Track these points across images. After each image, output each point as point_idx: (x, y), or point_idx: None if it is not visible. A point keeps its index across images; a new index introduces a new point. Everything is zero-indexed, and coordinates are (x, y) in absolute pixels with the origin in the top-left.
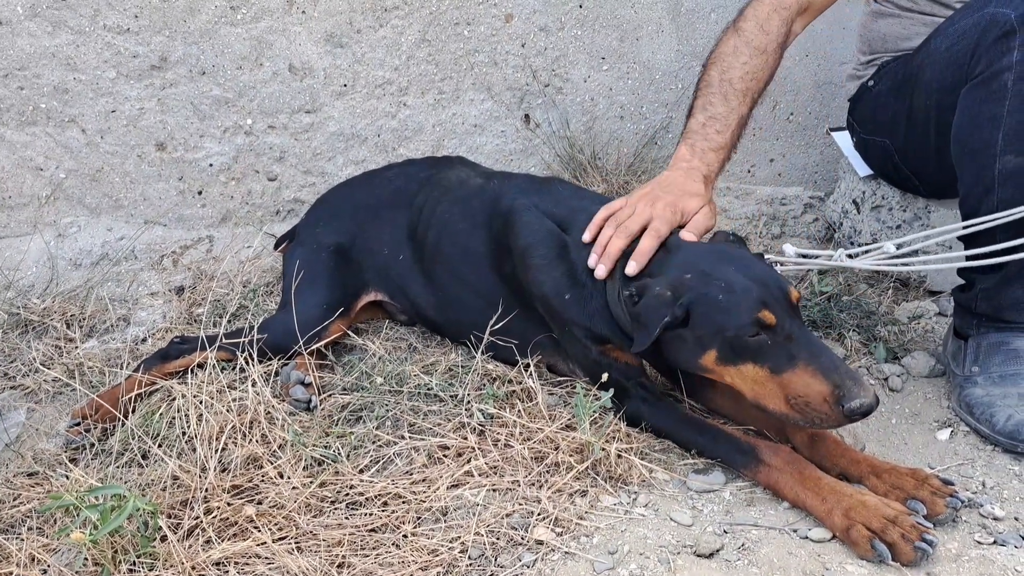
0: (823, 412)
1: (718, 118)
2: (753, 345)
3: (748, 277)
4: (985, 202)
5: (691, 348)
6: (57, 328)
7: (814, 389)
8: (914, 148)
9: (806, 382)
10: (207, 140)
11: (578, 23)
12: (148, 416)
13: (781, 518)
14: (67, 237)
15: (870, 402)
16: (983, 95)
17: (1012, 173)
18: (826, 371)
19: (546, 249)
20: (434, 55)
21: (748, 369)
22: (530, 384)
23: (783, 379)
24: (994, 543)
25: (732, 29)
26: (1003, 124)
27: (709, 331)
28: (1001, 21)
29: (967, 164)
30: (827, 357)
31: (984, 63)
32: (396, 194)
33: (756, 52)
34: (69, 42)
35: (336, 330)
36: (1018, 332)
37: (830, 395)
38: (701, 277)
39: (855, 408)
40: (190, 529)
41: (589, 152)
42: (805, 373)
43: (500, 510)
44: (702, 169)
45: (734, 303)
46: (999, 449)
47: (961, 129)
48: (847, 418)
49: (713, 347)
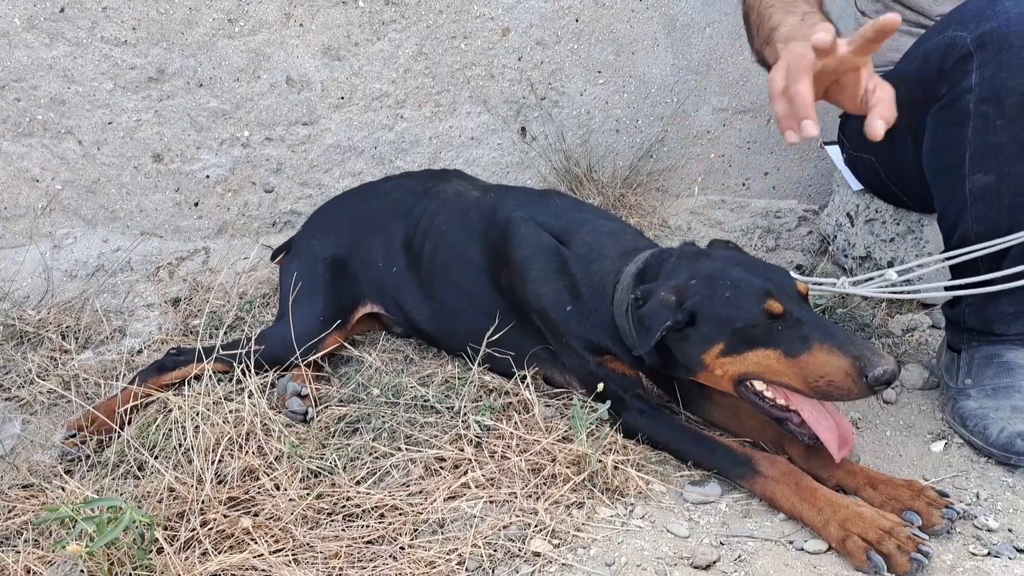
0: (847, 387)
1: (811, 13)
2: (763, 333)
3: (752, 273)
4: (962, 219)
5: (695, 345)
6: (52, 339)
7: (834, 365)
8: (897, 164)
9: (824, 360)
10: (204, 152)
11: (574, 37)
12: (144, 428)
13: (777, 530)
14: (63, 248)
15: (892, 369)
16: (948, 118)
17: (982, 191)
18: (843, 346)
19: (544, 262)
20: (431, 68)
21: (758, 355)
22: (527, 396)
23: (800, 361)
24: (988, 554)
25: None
26: (969, 145)
27: (716, 326)
28: (959, 44)
29: (940, 184)
30: (840, 334)
31: (947, 86)
32: (393, 206)
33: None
34: (66, 54)
35: (333, 342)
36: (1009, 345)
37: (852, 368)
38: (706, 281)
39: (879, 376)
40: (186, 541)
41: (585, 165)
42: (822, 352)
43: (497, 522)
44: None
45: (740, 296)
46: (992, 461)
47: (931, 151)
48: (871, 388)
49: (720, 341)
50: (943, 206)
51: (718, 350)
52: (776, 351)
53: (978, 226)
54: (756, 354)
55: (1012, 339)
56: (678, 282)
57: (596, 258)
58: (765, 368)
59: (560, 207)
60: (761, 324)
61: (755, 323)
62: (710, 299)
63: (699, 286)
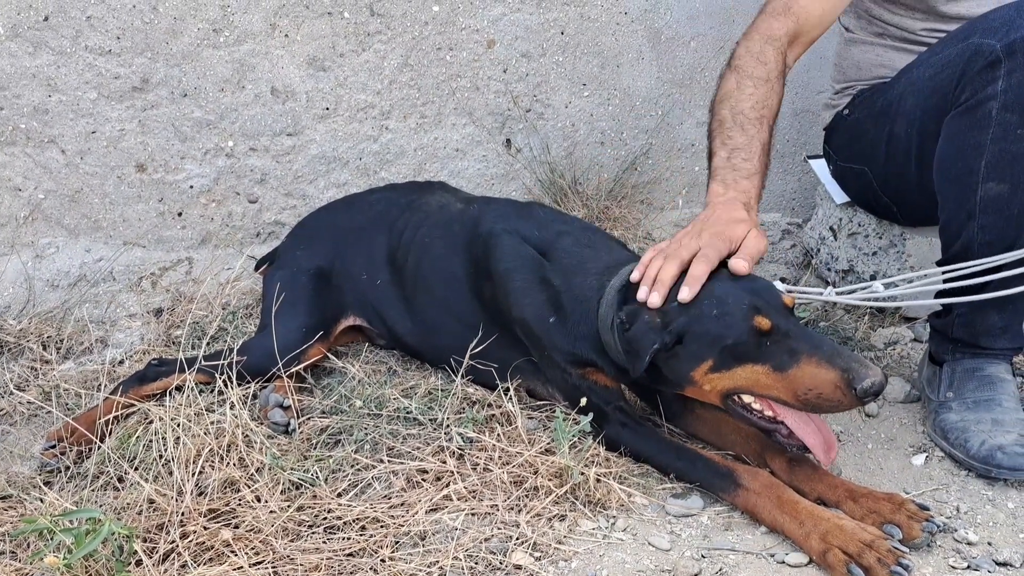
0: (836, 399)
1: (741, 148)
2: (752, 349)
3: (738, 289)
4: (966, 228)
5: (684, 363)
6: (33, 350)
7: (822, 378)
8: (894, 176)
9: (813, 373)
10: (188, 162)
11: (559, 49)
12: (124, 439)
13: (759, 542)
14: (45, 258)
15: (880, 380)
16: (967, 123)
17: (993, 200)
18: (831, 359)
19: (526, 274)
20: (416, 79)
21: (747, 370)
22: (509, 408)
23: (789, 375)
24: (968, 568)
25: (729, 69)
26: (986, 152)
27: (705, 345)
28: (986, 51)
29: (949, 191)
30: (828, 346)
31: (969, 92)
32: (377, 218)
33: (759, 82)
34: (50, 63)
35: (315, 353)
36: (991, 359)
37: (840, 380)
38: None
39: (867, 388)
40: (166, 553)
41: (570, 177)
42: (810, 365)
43: (479, 534)
44: (740, 198)
45: (728, 314)
46: (973, 474)
47: (944, 156)
48: (860, 400)
49: (709, 358)
50: (949, 214)
51: (707, 367)
52: (765, 366)
53: (984, 235)
54: (745, 370)
55: (996, 353)
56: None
57: (578, 271)
58: (754, 383)
59: (543, 219)
60: (750, 340)
61: (744, 340)
62: (697, 318)
63: (684, 306)
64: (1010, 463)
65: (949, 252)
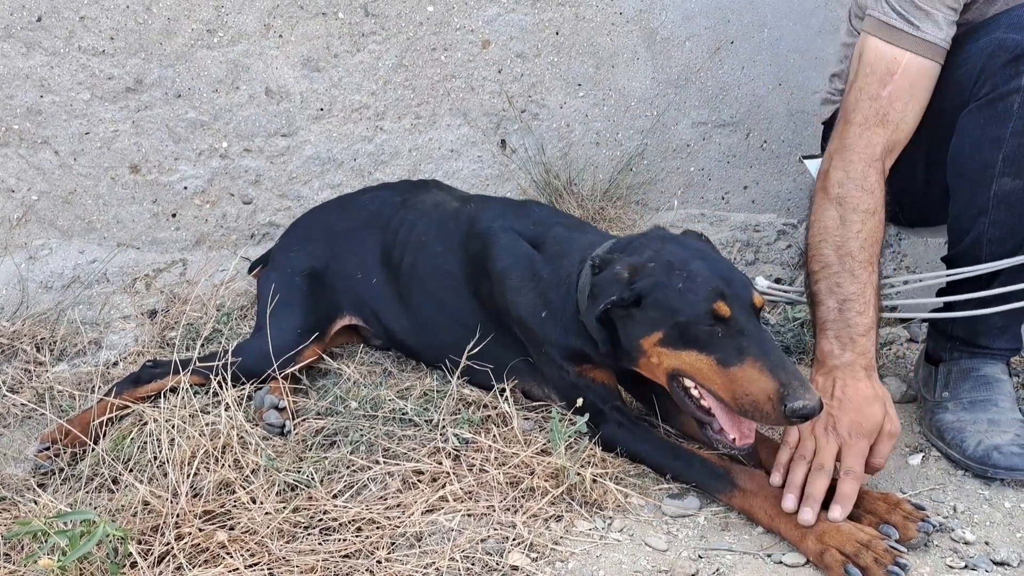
0: (765, 410)
1: (853, 299)
2: (704, 335)
3: (712, 271)
4: (977, 224)
5: (636, 327)
6: (27, 351)
7: (759, 386)
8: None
9: (753, 378)
10: (182, 163)
11: (554, 50)
12: (119, 441)
13: (755, 543)
14: (38, 259)
15: (813, 406)
16: (987, 116)
17: (1008, 195)
18: (774, 369)
19: (521, 271)
20: (411, 80)
21: (692, 356)
22: (505, 409)
23: (730, 373)
24: (965, 567)
25: (826, 198)
26: (1004, 146)
27: (661, 314)
28: (1010, 46)
29: (962, 185)
30: (776, 355)
31: (990, 86)
32: (371, 218)
33: (867, 215)
34: (43, 63)
35: (311, 354)
36: (988, 359)
37: (774, 393)
38: (664, 266)
39: (796, 409)
40: (161, 555)
41: (565, 178)
42: (753, 369)
43: (475, 535)
44: (860, 361)
45: (691, 291)
46: (969, 474)
47: (960, 150)
48: (787, 418)
49: (660, 330)
50: (960, 209)
51: (657, 338)
52: (711, 357)
53: (994, 231)
54: (691, 355)
55: (994, 353)
56: (636, 260)
57: (564, 254)
58: (697, 371)
59: (538, 215)
60: (704, 325)
61: (698, 321)
62: (661, 285)
63: (655, 269)
64: (1006, 463)
65: (957, 248)
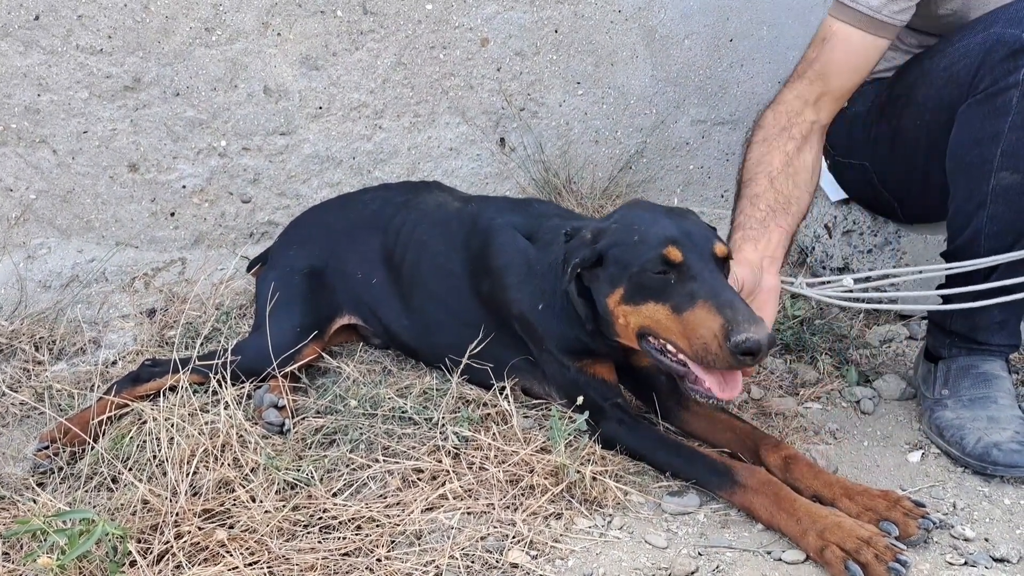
0: (714, 351)
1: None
2: (657, 283)
3: (672, 225)
4: (976, 218)
5: (602, 287)
6: (25, 351)
7: (707, 326)
8: (898, 170)
9: (701, 319)
10: (180, 161)
11: (553, 48)
12: (118, 439)
13: (755, 540)
14: (37, 259)
15: (758, 339)
16: (985, 111)
17: (1006, 190)
18: (720, 307)
19: (519, 267)
20: (410, 78)
21: (650, 308)
22: (505, 407)
23: (684, 319)
24: (965, 564)
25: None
26: (1003, 140)
27: (618, 269)
28: (1009, 41)
29: (961, 180)
30: (727, 295)
31: (988, 80)
32: (371, 218)
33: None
34: (41, 62)
35: (310, 353)
36: (987, 355)
37: (720, 330)
38: (623, 225)
39: (739, 342)
40: (160, 554)
41: (564, 176)
42: (702, 310)
43: (475, 533)
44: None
45: (644, 241)
46: (969, 471)
47: (958, 144)
48: (732, 355)
49: (620, 285)
50: (959, 203)
51: (619, 294)
52: (666, 306)
53: (992, 225)
54: (649, 307)
55: (992, 349)
56: (602, 224)
57: (553, 241)
58: (656, 323)
59: (538, 210)
60: (657, 272)
61: (651, 269)
62: (620, 242)
63: (616, 229)
64: (1006, 460)
65: (956, 243)
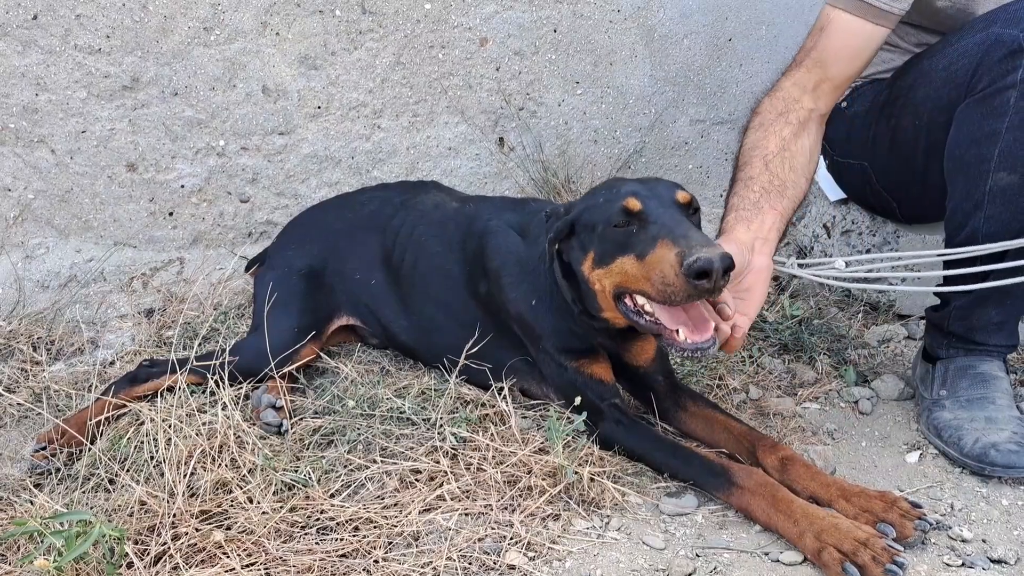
0: (671, 281)
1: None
2: (621, 236)
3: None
4: (973, 218)
5: (577, 256)
6: (23, 351)
7: (666, 260)
8: (896, 170)
9: (660, 256)
10: (179, 161)
11: (552, 47)
12: (116, 440)
13: (753, 541)
14: (35, 258)
15: (709, 257)
16: (983, 111)
17: (1003, 190)
18: (676, 239)
19: (514, 266)
20: (409, 78)
21: (619, 263)
22: (503, 408)
23: (647, 262)
24: (962, 565)
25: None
26: (1000, 141)
27: (587, 232)
28: (1007, 41)
29: (959, 179)
30: (683, 228)
31: (987, 80)
32: (370, 218)
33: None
34: (39, 62)
35: (308, 353)
36: (985, 356)
37: (675, 260)
38: (592, 193)
39: (691, 263)
40: (157, 555)
41: (563, 175)
42: (661, 248)
43: (472, 534)
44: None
45: (608, 200)
46: (967, 472)
47: (956, 144)
48: (688, 280)
49: (591, 248)
50: (956, 203)
51: (591, 259)
52: (631, 256)
53: (989, 226)
54: (618, 263)
55: (990, 350)
56: (577, 200)
57: (541, 234)
58: (625, 276)
59: (533, 207)
60: (619, 225)
61: (614, 222)
62: (588, 207)
63: (587, 198)
64: (1004, 461)
65: (953, 242)
